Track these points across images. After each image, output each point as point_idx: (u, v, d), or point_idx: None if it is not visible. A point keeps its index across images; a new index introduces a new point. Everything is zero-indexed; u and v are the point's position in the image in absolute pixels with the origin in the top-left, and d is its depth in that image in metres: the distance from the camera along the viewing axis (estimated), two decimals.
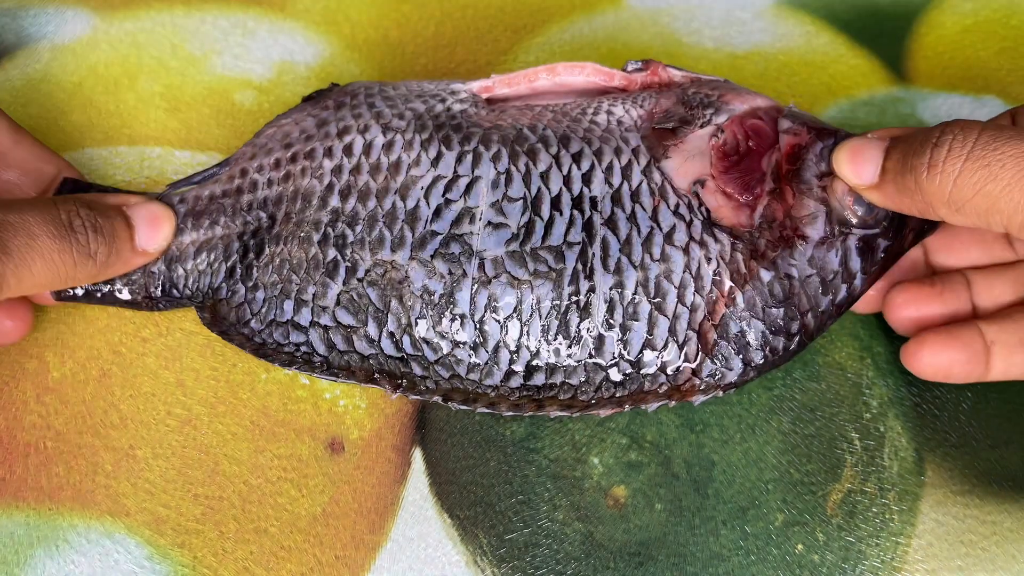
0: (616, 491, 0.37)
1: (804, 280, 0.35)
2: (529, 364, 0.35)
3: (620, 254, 0.35)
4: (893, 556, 0.36)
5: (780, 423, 0.38)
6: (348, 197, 0.36)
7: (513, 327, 0.35)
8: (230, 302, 0.37)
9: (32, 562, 0.36)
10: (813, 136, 0.36)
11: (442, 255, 0.35)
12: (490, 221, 0.35)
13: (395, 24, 0.50)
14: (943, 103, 0.47)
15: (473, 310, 0.35)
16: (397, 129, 0.37)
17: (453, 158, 0.36)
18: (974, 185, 0.29)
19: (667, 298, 0.34)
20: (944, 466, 0.38)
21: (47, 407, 0.39)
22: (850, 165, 0.34)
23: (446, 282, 0.35)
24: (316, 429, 0.38)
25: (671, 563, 0.36)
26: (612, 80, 0.40)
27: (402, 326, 0.35)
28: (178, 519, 0.36)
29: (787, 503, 0.37)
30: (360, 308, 0.35)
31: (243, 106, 0.46)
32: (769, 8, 0.50)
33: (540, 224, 0.35)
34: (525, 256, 0.35)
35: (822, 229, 0.35)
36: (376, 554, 0.36)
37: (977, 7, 0.50)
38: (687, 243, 0.35)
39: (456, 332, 0.35)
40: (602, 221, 0.35)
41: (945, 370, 0.36)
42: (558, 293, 0.35)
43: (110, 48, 0.48)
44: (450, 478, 0.37)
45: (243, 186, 0.38)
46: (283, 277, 0.36)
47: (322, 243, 0.36)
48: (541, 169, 0.36)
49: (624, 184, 0.36)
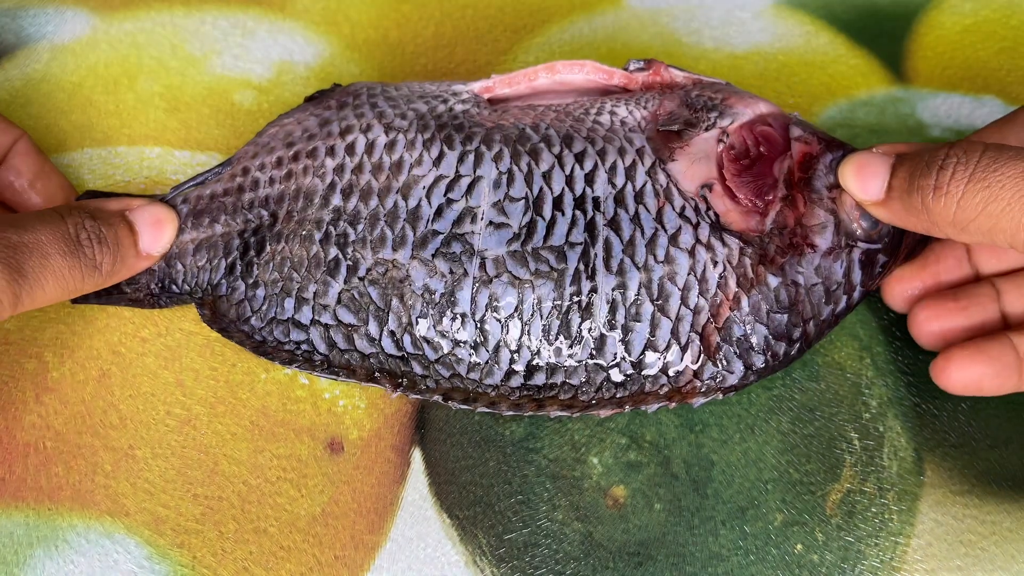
0: (615, 491, 0.37)
1: (810, 288, 0.35)
2: (530, 364, 0.35)
3: (623, 255, 0.35)
4: (892, 556, 0.36)
5: (779, 423, 0.38)
6: (350, 196, 0.36)
7: (514, 327, 0.35)
8: (230, 299, 0.37)
9: (32, 562, 0.36)
10: (823, 147, 0.36)
11: (443, 254, 0.35)
12: (492, 221, 0.35)
13: (395, 24, 0.50)
14: (943, 103, 0.47)
15: (474, 309, 0.35)
16: (400, 129, 0.37)
17: (455, 157, 0.36)
18: (976, 206, 0.30)
19: (670, 300, 0.34)
20: (943, 466, 0.38)
21: (46, 407, 0.39)
22: (856, 180, 0.34)
23: (447, 281, 0.35)
24: (315, 429, 0.38)
25: (670, 563, 0.36)
26: (612, 78, 0.40)
27: (403, 325, 0.35)
28: (177, 519, 0.36)
29: (786, 503, 0.37)
30: (361, 306, 0.35)
31: (242, 106, 0.46)
32: (768, 8, 0.50)
33: (542, 224, 0.35)
34: (527, 256, 0.35)
35: (830, 239, 0.35)
36: (375, 554, 0.36)
37: (977, 7, 0.50)
38: (693, 246, 0.35)
39: (457, 331, 0.35)
40: (605, 222, 0.35)
41: (975, 384, 0.35)
42: (559, 293, 0.34)
43: (110, 48, 0.48)
44: (449, 478, 0.37)
45: (244, 184, 0.38)
46: (284, 275, 0.36)
47: (324, 241, 0.36)
48: (543, 169, 0.36)
49: (628, 185, 0.35)
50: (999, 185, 0.30)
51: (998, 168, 0.30)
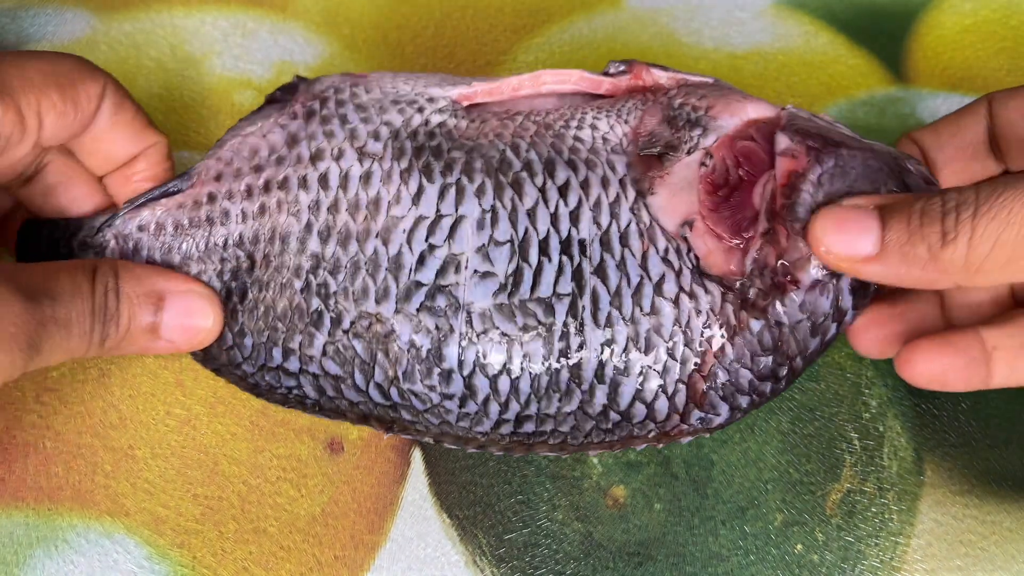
0: (615, 491, 0.37)
1: (794, 326, 0.33)
2: (519, 415, 0.34)
3: (610, 307, 0.34)
4: (892, 556, 0.36)
5: (779, 423, 0.38)
6: (328, 240, 0.35)
7: (503, 383, 0.34)
8: (219, 344, 0.36)
9: (31, 562, 0.36)
10: (812, 159, 0.33)
11: (428, 308, 0.34)
12: (476, 270, 0.34)
13: (395, 25, 0.50)
14: (942, 103, 0.47)
15: (462, 366, 0.34)
16: (374, 156, 0.35)
17: (435, 193, 0.35)
18: (989, 239, 0.29)
19: (658, 353, 0.34)
20: (943, 466, 0.38)
21: (46, 407, 0.39)
22: (840, 237, 0.32)
23: (433, 337, 0.34)
24: (315, 429, 0.38)
25: (670, 563, 0.36)
26: (600, 88, 0.38)
27: (389, 378, 0.34)
28: (177, 519, 0.36)
29: (786, 503, 0.37)
30: (346, 360, 0.35)
31: (243, 107, 0.46)
32: (768, 8, 0.50)
33: (528, 272, 0.34)
34: (514, 309, 0.34)
35: (815, 273, 0.33)
36: (375, 554, 0.36)
37: (977, 7, 0.50)
38: (677, 295, 0.34)
39: (444, 387, 0.34)
40: (591, 269, 0.34)
41: (940, 378, 0.34)
42: (548, 350, 0.34)
43: (109, 49, 0.48)
44: (449, 478, 0.37)
45: (213, 216, 0.36)
46: (269, 324, 0.35)
47: (305, 291, 0.35)
48: (528, 205, 0.34)
49: (613, 225, 0.34)
50: (1006, 210, 0.29)
51: (1000, 195, 0.30)
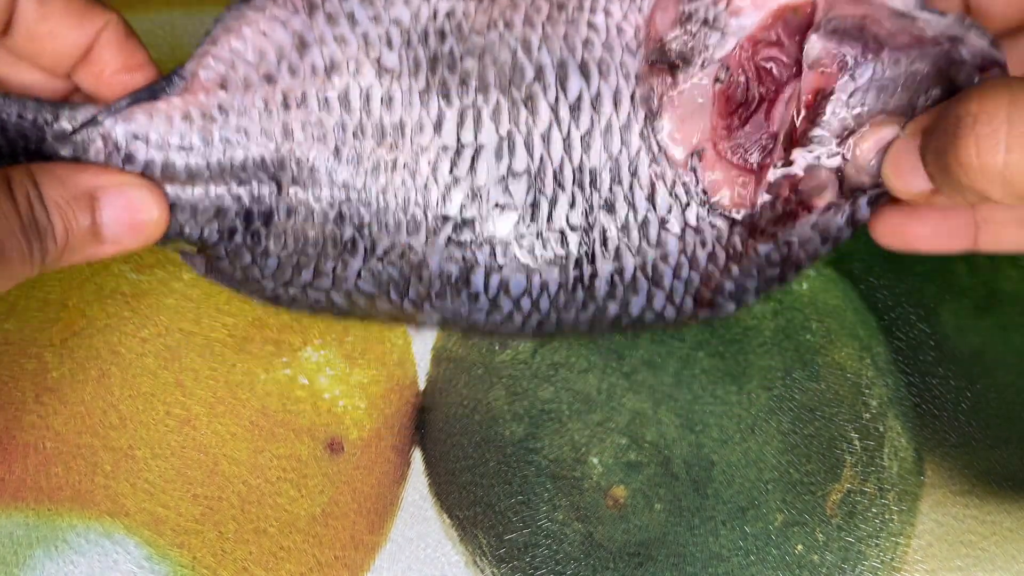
0: (616, 491, 0.37)
1: (804, 242, 0.34)
2: (540, 322, 0.36)
3: (619, 241, 0.35)
4: (893, 556, 0.36)
5: (780, 423, 0.38)
6: (358, 170, 0.36)
7: (525, 302, 0.36)
8: (234, 263, 0.36)
9: (31, 562, 0.35)
10: (847, 75, 0.30)
11: (455, 242, 0.36)
12: (497, 203, 0.36)
13: None
14: None
15: (487, 290, 0.36)
16: (392, 72, 0.36)
17: (455, 119, 0.35)
18: None
19: (663, 279, 0.35)
20: (944, 466, 0.38)
21: (46, 407, 0.38)
22: (897, 179, 0.30)
23: (460, 267, 0.36)
24: (315, 429, 0.38)
25: (670, 563, 0.36)
26: None
27: (422, 296, 0.36)
28: (177, 519, 0.36)
29: (787, 503, 0.37)
30: (381, 281, 0.36)
31: None
32: None
33: (545, 203, 0.35)
34: (533, 240, 0.36)
35: (832, 197, 0.32)
36: (375, 554, 0.36)
37: None
38: (682, 230, 0.35)
39: (472, 304, 0.36)
40: (601, 203, 0.35)
41: (914, 236, 0.32)
42: (564, 276, 0.36)
43: None
44: (449, 478, 0.37)
45: (228, 135, 0.35)
46: (298, 249, 0.36)
47: (338, 220, 0.36)
48: (541, 129, 0.35)
49: (623, 152, 0.35)
50: None
51: None
